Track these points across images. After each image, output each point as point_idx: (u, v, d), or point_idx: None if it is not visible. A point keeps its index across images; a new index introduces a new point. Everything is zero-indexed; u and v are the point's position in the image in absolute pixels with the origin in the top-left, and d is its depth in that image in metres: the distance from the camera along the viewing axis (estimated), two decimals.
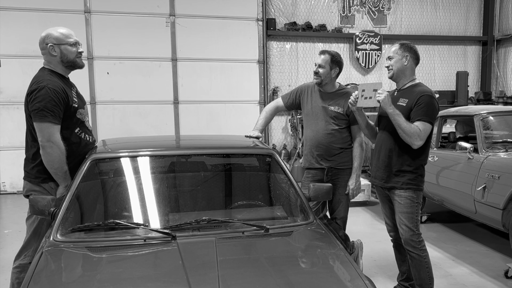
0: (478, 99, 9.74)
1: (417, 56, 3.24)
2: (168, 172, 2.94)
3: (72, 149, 2.92)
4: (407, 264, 3.49)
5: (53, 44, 2.92)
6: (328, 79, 3.63)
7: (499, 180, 4.14)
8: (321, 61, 3.60)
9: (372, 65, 9.60)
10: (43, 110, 2.75)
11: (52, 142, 2.78)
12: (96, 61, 8.20)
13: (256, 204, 2.87)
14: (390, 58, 3.22)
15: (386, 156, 3.23)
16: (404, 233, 3.22)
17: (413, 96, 3.12)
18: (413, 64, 3.23)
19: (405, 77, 3.23)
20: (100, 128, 8.30)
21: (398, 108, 3.11)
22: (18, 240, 4.09)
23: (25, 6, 7.78)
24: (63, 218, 2.41)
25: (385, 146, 3.25)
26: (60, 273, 2.10)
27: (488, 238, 5.09)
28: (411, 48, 3.21)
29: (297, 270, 2.18)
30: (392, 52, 3.22)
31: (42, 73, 2.93)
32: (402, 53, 3.18)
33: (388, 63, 3.23)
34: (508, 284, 3.88)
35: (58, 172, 2.85)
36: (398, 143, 3.16)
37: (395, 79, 3.26)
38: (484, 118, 4.72)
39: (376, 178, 3.36)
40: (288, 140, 9.41)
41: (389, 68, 3.23)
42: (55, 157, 2.80)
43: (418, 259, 3.23)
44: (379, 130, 3.37)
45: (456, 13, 10.15)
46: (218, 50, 8.66)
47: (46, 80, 2.83)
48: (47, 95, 2.77)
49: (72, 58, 2.98)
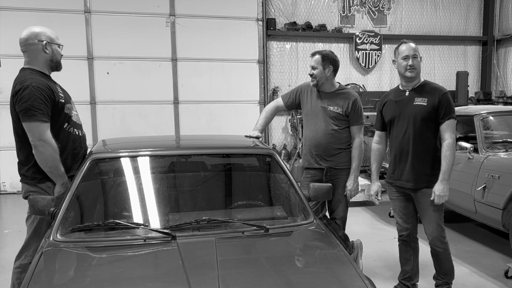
0: (478, 99, 9.74)
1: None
2: (168, 172, 2.93)
3: (62, 145, 2.90)
4: (411, 264, 3.55)
5: (48, 42, 2.92)
6: (324, 78, 3.61)
7: (499, 180, 4.14)
8: (313, 63, 3.61)
9: (372, 65, 9.60)
10: (30, 110, 2.72)
11: (43, 141, 2.75)
12: (96, 61, 8.20)
13: (256, 204, 2.87)
14: (415, 57, 3.28)
15: (417, 159, 3.30)
16: (435, 231, 3.34)
17: (433, 95, 3.25)
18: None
19: (418, 76, 3.35)
20: (100, 128, 8.29)
21: (416, 108, 3.25)
22: (18, 240, 4.10)
23: (25, 6, 7.78)
24: (63, 218, 2.41)
25: (414, 149, 3.31)
26: (60, 273, 2.10)
27: (488, 238, 5.08)
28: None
29: (297, 270, 2.18)
30: (415, 50, 3.29)
31: (24, 73, 2.89)
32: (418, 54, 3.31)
33: (412, 62, 3.27)
34: (508, 284, 3.88)
35: (53, 171, 2.83)
36: (425, 145, 3.28)
37: (414, 79, 3.34)
38: (484, 118, 4.72)
39: (405, 180, 3.38)
40: (288, 140, 9.41)
41: (413, 67, 3.28)
42: (48, 156, 2.78)
43: (444, 253, 3.40)
44: (396, 133, 3.40)
45: (456, 13, 10.15)
46: (218, 50, 8.65)
47: (29, 79, 2.80)
48: (32, 93, 2.74)
49: (59, 59, 3.03)
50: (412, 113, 3.28)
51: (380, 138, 3.61)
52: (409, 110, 3.30)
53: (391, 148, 3.48)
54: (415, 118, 3.27)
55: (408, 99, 3.32)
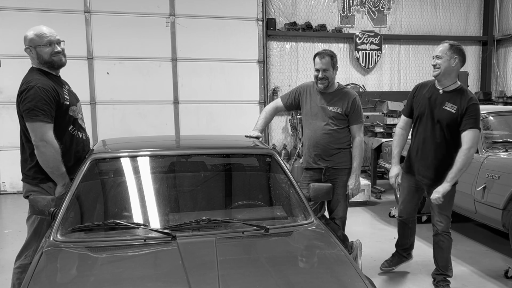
0: (478, 99, 9.73)
1: (464, 59, 3.38)
2: (168, 172, 2.94)
3: (65, 147, 2.91)
4: (407, 238, 3.93)
5: (29, 46, 2.88)
6: (333, 80, 3.65)
7: (499, 180, 4.14)
8: (325, 65, 3.57)
9: (372, 65, 9.60)
10: (34, 110, 2.73)
11: (45, 141, 2.76)
12: (96, 61, 8.19)
13: (256, 204, 2.87)
14: (438, 57, 3.34)
15: (437, 159, 3.46)
16: (444, 222, 3.54)
17: (462, 103, 3.31)
18: (459, 67, 3.38)
19: (450, 78, 3.38)
20: (100, 128, 8.29)
21: (445, 113, 3.33)
22: (18, 240, 4.10)
23: (25, 6, 7.77)
24: (63, 218, 2.41)
25: (437, 149, 3.45)
26: (60, 273, 2.10)
27: (488, 238, 5.08)
28: (460, 50, 3.34)
29: (297, 270, 2.18)
30: (440, 52, 3.34)
31: (31, 73, 2.91)
32: (451, 54, 3.31)
33: (436, 62, 3.35)
34: (508, 284, 3.88)
35: (54, 171, 2.84)
36: (446, 147, 3.43)
37: (439, 79, 3.40)
38: (484, 118, 4.72)
39: (423, 176, 3.56)
40: (288, 140, 9.41)
41: (436, 66, 3.35)
42: (50, 156, 2.79)
43: (448, 242, 3.58)
44: (421, 129, 3.53)
45: (456, 13, 10.14)
46: (218, 50, 8.65)
47: (35, 79, 2.82)
48: (37, 94, 2.75)
49: (47, 58, 2.89)
50: (441, 117, 3.37)
51: (406, 124, 3.72)
52: (438, 112, 3.39)
53: (414, 141, 3.62)
54: (442, 122, 3.37)
55: (440, 100, 3.39)
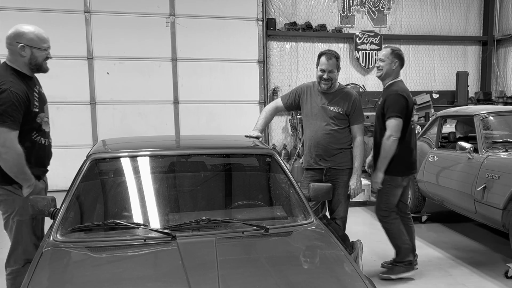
0: (478, 99, 9.74)
1: (403, 63, 3.85)
2: (168, 172, 2.93)
3: (27, 153, 2.81)
4: None
5: (25, 45, 2.81)
6: (336, 81, 3.65)
7: (499, 180, 4.14)
8: (331, 67, 3.57)
9: (372, 65, 9.59)
10: (2, 115, 2.66)
11: (7, 147, 2.68)
12: (96, 61, 8.19)
13: (256, 204, 2.87)
14: (381, 60, 3.80)
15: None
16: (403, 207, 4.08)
17: (385, 94, 3.78)
18: (399, 69, 3.83)
19: (390, 78, 3.82)
20: (100, 128, 8.29)
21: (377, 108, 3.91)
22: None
23: (25, 6, 7.76)
24: (63, 218, 2.41)
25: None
26: (60, 273, 2.10)
27: (488, 238, 5.08)
28: (400, 56, 3.80)
29: (297, 270, 2.18)
30: (383, 56, 3.79)
31: (5, 72, 2.81)
32: (392, 59, 3.76)
33: (379, 64, 3.83)
34: (508, 284, 3.87)
35: (18, 175, 2.78)
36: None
37: (382, 79, 3.86)
38: (484, 118, 4.72)
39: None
40: (288, 140, 9.41)
41: (379, 68, 3.83)
42: (12, 162, 2.72)
43: None
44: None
45: (456, 13, 10.14)
46: (218, 50, 8.65)
47: (9, 82, 2.73)
48: (8, 98, 2.67)
49: (40, 61, 2.88)
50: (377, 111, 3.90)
51: None
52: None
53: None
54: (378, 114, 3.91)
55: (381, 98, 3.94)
